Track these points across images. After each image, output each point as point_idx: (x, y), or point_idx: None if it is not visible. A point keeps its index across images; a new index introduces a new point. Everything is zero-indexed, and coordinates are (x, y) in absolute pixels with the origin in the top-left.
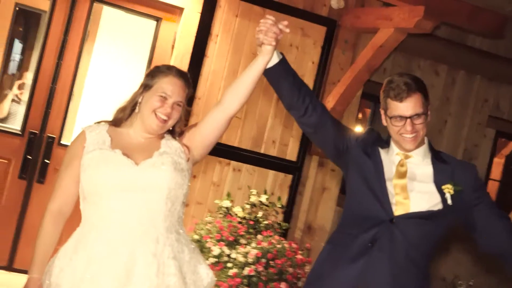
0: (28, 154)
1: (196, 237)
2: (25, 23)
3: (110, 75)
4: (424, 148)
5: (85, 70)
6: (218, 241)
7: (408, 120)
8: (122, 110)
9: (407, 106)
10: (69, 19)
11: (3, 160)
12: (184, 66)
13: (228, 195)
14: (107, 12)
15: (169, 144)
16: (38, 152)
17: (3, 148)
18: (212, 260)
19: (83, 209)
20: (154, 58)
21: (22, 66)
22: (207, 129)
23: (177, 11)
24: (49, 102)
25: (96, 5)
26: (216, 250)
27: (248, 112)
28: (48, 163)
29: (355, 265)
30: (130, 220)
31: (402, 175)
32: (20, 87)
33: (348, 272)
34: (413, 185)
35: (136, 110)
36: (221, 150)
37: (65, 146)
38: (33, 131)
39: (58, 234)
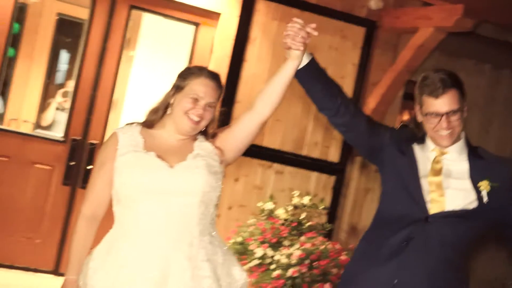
0: (71, 161)
1: (239, 239)
2: (71, 33)
3: (151, 80)
4: (460, 144)
5: (127, 77)
6: (261, 243)
7: (444, 116)
8: (154, 111)
9: (443, 103)
10: (108, 27)
11: (47, 167)
12: (223, 70)
13: (271, 197)
14: (147, 20)
15: (202, 146)
16: (81, 158)
17: (47, 155)
18: (256, 262)
19: (116, 211)
20: (193, 63)
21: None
22: (240, 133)
23: (214, 16)
24: (91, 109)
25: (136, 13)
26: (259, 252)
27: (289, 114)
28: (91, 168)
29: (389, 265)
30: (165, 224)
31: (437, 172)
32: (64, 95)
33: (382, 272)
34: (449, 182)
35: (168, 112)
36: (263, 153)
37: None
38: (75, 137)
39: (93, 237)
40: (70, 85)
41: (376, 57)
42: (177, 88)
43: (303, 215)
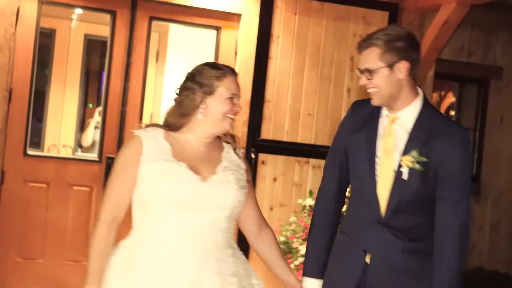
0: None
1: (282, 238)
2: (100, 52)
3: None
4: (413, 106)
5: (160, 90)
6: (305, 240)
7: (363, 73)
8: (182, 115)
9: (362, 60)
10: (130, 41)
11: (86, 188)
12: (249, 70)
13: (311, 193)
14: (173, 30)
15: (230, 158)
16: None
17: (84, 177)
18: (301, 259)
19: (138, 219)
20: None
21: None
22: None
23: (235, 17)
24: (122, 125)
25: (162, 25)
26: (303, 250)
27: (320, 108)
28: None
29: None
30: (195, 238)
31: (389, 150)
32: (101, 114)
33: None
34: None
35: (200, 117)
36: (298, 150)
37: None
38: (110, 155)
39: (113, 243)
40: None
41: None
42: (207, 91)
43: (344, 208)
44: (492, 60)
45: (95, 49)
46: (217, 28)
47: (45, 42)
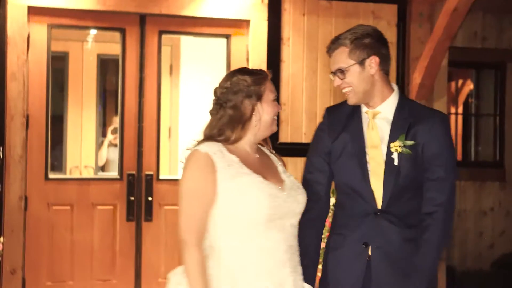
0: (131, 196)
1: None
2: (114, 70)
3: (200, 102)
4: (390, 100)
5: (177, 103)
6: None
7: (336, 75)
8: (241, 127)
9: (332, 61)
10: (141, 56)
11: (109, 207)
12: None
13: (333, 192)
14: (185, 43)
15: (274, 158)
16: (140, 192)
17: (106, 195)
18: None
19: (219, 238)
20: None
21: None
22: None
23: (244, 24)
24: (140, 141)
25: (173, 38)
26: None
27: None
28: (151, 200)
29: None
30: (284, 248)
31: (375, 144)
32: (113, 132)
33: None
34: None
35: (254, 124)
36: None
37: (164, 180)
38: (131, 172)
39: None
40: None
41: (413, 31)
42: (255, 98)
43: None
44: (507, 43)
45: (109, 68)
46: (227, 36)
47: (58, 65)
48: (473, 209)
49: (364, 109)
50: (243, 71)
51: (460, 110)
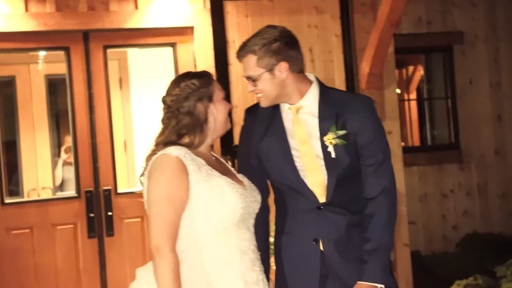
0: (90, 213)
1: None
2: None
3: (153, 112)
4: (311, 93)
5: (130, 116)
6: None
7: (248, 80)
8: (199, 131)
9: (243, 67)
10: (88, 73)
11: (69, 226)
12: None
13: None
14: (132, 56)
15: (222, 160)
16: (99, 208)
17: (66, 214)
18: None
19: (188, 241)
20: None
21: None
22: None
23: (188, 31)
24: (95, 157)
25: (120, 52)
26: None
27: None
28: (111, 215)
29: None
30: (251, 247)
31: (304, 139)
32: (66, 151)
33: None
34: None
35: (211, 125)
36: None
37: (123, 194)
38: (88, 189)
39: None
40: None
41: (357, 22)
42: (206, 99)
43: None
44: (451, 25)
45: (58, 88)
46: (173, 45)
47: (6, 90)
48: (434, 192)
49: (286, 106)
50: (189, 75)
51: (414, 96)
